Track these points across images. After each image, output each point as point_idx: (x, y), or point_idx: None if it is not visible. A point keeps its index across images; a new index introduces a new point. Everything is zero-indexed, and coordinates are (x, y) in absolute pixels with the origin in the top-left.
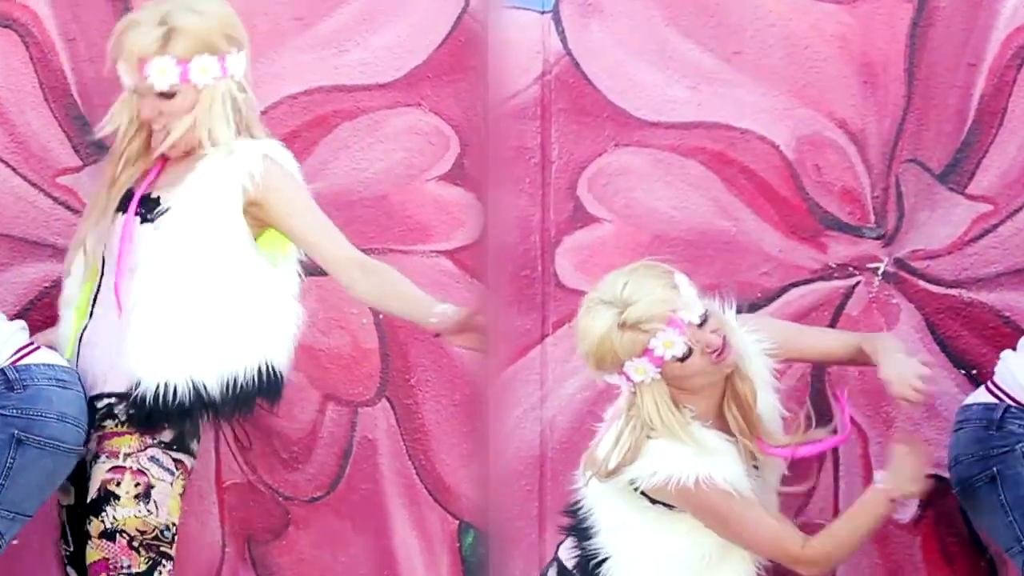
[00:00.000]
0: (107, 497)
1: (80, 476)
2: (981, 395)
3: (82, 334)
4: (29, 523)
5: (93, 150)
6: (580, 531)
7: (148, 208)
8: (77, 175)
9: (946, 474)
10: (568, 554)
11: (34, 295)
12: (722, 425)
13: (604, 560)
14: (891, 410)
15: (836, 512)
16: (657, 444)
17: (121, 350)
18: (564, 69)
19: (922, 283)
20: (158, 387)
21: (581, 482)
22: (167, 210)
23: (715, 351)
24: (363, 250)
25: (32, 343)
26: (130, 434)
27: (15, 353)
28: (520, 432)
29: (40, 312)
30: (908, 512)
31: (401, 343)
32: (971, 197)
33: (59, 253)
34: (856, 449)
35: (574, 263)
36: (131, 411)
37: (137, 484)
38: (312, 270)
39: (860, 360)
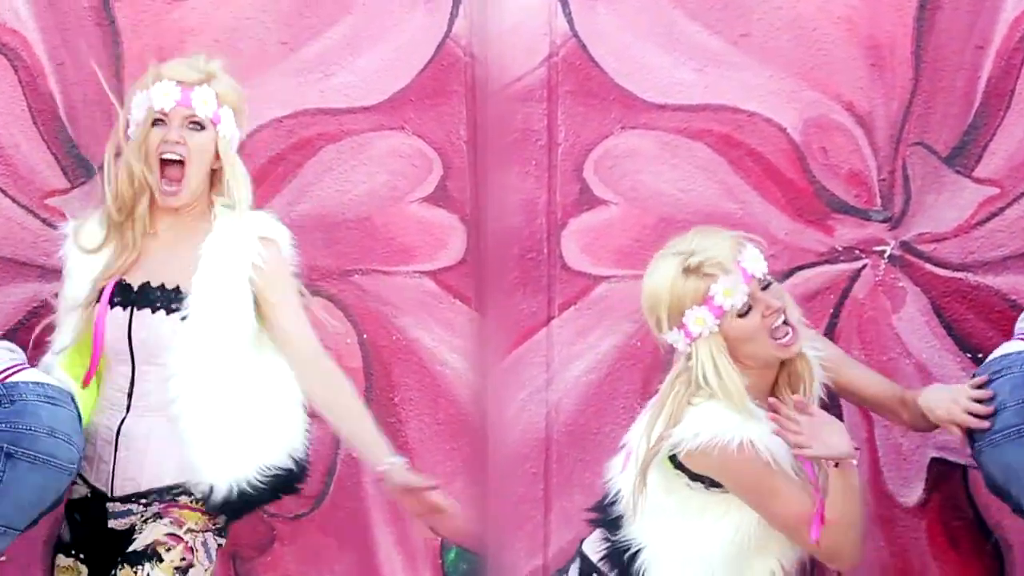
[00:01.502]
0: (152, 555)
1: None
2: (1014, 345)
3: (119, 426)
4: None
5: (81, 172)
6: (609, 523)
7: (166, 297)
8: (65, 196)
9: (952, 458)
10: (594, 547)
11: (22, 315)
12: None
13: (638, 551)
14: None
15: None
16: (700, 408)
17: (178, 450)
18: (571, 51)
19: (928, 266)
20: (226, 487)
21: (613, 472)
22: (186, 299)
23: (774, 312)
24: (348, 271)
25: (22, 363)
26: (201, 512)
27: (4, 371)
28: (526, 414)
29: (28, 332)
30: (914, 496)
31: (385, 362)
32: (978, 180)
33: (47, 274)
34: (862, 433)
35: (580, 245)
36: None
37: (183, 559)
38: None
39: (899, 410)
